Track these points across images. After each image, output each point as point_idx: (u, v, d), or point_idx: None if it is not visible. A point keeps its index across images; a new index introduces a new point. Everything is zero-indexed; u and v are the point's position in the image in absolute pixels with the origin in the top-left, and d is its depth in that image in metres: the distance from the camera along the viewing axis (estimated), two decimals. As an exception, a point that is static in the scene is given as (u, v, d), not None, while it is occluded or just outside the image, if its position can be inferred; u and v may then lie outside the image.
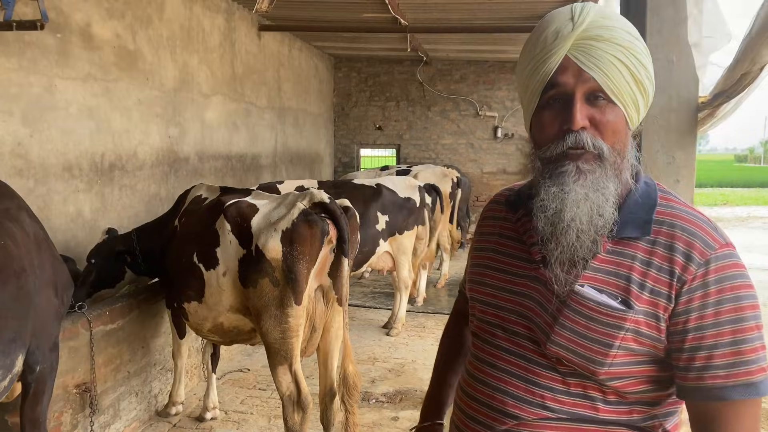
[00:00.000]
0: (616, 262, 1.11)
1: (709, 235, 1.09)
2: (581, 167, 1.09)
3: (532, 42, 1.16)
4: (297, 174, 9.47)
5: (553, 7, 7.04)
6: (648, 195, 1.15)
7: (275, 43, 8.54)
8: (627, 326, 1.08)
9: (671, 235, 1.10)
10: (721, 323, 1.06)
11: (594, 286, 1.11)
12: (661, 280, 1.08)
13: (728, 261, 1.08)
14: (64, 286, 2.78)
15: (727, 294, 1.06)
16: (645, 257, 1.10)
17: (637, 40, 1.11)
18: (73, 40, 4.52)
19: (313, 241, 3.03)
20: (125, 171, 5.21)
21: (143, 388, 3.97)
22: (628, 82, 1.09)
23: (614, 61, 1.08)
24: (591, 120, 1.09)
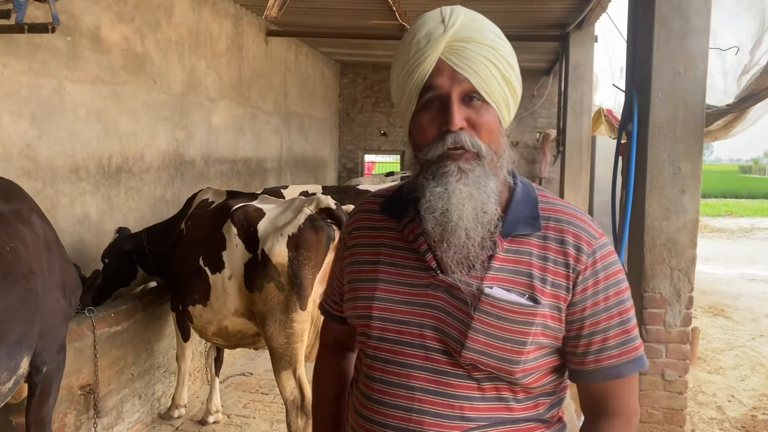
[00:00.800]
0: (515, 260, 1.14)
1: (590, 227, 1.17)
2: (462, 167, 1.09)
3: (404, 46, 1.15)
4: (302, 179, 9.49)
5: (558, 17, 7.08)
6: (527, 193, 1.19)
7: (282, 49, 8.58)
8: (537, 321, 1.11)
9: (560, 229, 1.15)
10: (610, 307, 1.14)
11: (501, 286, 1.12)
12: (559, 272, 1.13)
13: (608, 249, 1.16)
14: (72, 287, 2.80)
15: (612, 279, 1.15)
16: (540, 252, 1.14)
17: (504, 41, 1.15)
18: (83, 43, 4.56)
19: (319, 247, 3.05)
20: (132, 173, 5.23)
21: (146, 391, 3.98)
22: (500, 82, 1.11)
23: (486, 63, 1.10)
24: (468, 120, 1.10)
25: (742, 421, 4.40)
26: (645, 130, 3.45)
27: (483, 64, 1.09)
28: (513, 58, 1.15)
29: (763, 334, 6.73)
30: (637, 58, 3.68)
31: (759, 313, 7.61)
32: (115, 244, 4.09)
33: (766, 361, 5.76)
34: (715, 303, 8.00)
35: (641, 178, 3.49)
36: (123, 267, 4.07)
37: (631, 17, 3.86)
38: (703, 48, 3.40)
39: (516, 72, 1.15)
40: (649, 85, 3.39)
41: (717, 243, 13.82)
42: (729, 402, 4.78)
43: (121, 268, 4.06)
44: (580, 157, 7.46)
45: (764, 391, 5.03)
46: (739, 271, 10.28)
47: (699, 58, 3.39)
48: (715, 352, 6.00)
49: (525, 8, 6.74)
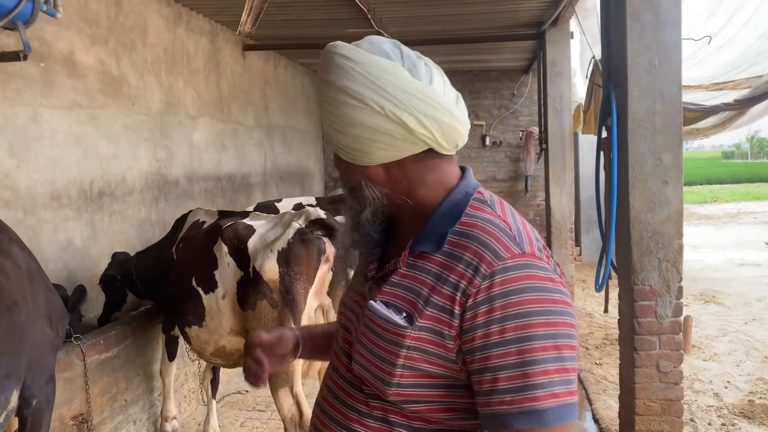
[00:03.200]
0: (411, 276, 1.07)
1: (501, 245, 1.01)
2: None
3: None
4: (288, 191, 9.46)
5: (533, 16, 7.12)
6: (456, 206, 1.09)
7: (260, 62, 8.57)
8: (408, 343, 1.02)
9: (463, 246, 1.03)
10: (506, 342, 0.95)
11: (385, 300, 1.08)
12: (444, 293, 1.01)
13: (519, 272, 0.98)
14: (58, 317, 2.76)
15: (513, 309, 0.96)
16: (437, 270, 1.04)
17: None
18: (57, 69, 4.52)
19: (310, 261, 3.03)
20: (114, 197, 5.19)
21: (141, 416, 3.93)
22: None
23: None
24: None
25: (740, 407, 4.42)
26: (624, 124, 3.47)
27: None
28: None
29: (755, 318, 6.78)
30: (612, 52, 3.71)
31: (750, 298, 7.67)
32: (106, 270, 4.20)
33: (760, 345, 5.80)
34: (706, 290, 8.05)
35: (624, 172, 3.51)
36: (112, 291, 4.15)
37: (604, 12, 3.89)
38: (676, 39, 3.43)
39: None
40: (626, 79, 3.41)
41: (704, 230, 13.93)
42: (726, 388, 4.80)
43: (111, 292, 4.15)
44: (563, 154, 7.49)
45: (760, 375, 5.06)
46: (727, 257, 10.36)
47: (673, 50, 3.42)
48: (708, 339, 6.03)
49: (500, 8, 6.77)
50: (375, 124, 1.03)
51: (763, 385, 4.82)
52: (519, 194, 11.31)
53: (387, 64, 1.04)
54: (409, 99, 1.03)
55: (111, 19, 5.17)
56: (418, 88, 1.04)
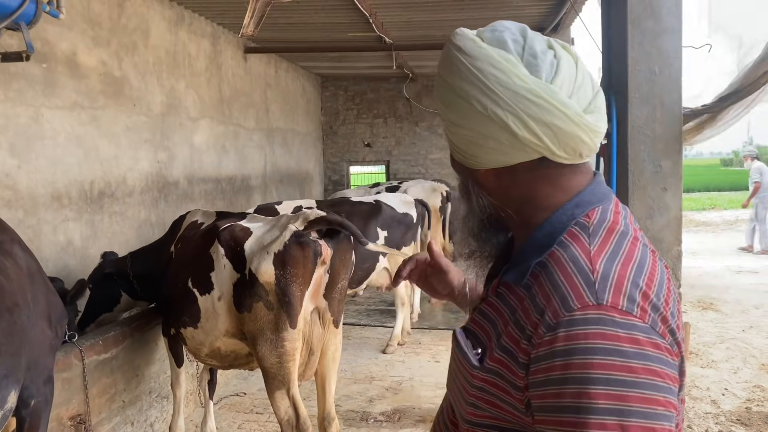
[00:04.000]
0: (497, 307, 0.97)
1: (573, 291, 0.84)
2: None
3: None
4: (287, 194, 9.47)
5: (534, 22, 7.14)
6: (551, 234, 0.94)
7: (261, 65, 8.59)
8: (476, 383, 0.92)
9: (540, 284, 0.89)
10: (561, 408, 0.80)
11: (471, 328, 1.01)
12: (513, 336, 0.89)
13: (587, 329, 0.81)
14: (58, 317, 2.76)
15: (575, 372, 0.80)
16: (515, 305, 0.92)
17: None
18: (59, 70, 4.53)
19: (306, 263, 3.03)
20: (115, 198, 5.19)
21: (139, 417, 3.93)
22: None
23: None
24: None
25: (737, 414, 4.43)
26: (624, 131, 3.48)
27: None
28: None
29: (753, 325, 6.79)
30: (612, 59, 3.72)
31: (747, 305, 7.68)
32: (96, 270, 4.05)
33: (758, 353, 5.80)
34: (704, 297, 8.06)
35: (623, 178, 3.52)
36: (106, 292, 4.03)
37: (605, 19, 3.91)
38: (676, 47, 3.44)
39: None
40: (626, 85, 3.42)
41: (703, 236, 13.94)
42: (723, 395, 4.80)
43: (104, 292, 4.02)
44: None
45: (757, 382, 5.06)
46: (725, 264, 10.38)
47: (673, 57, 3.43)
48: (706, 345, 6.03)
49: (501, 14, 6.80)
50: (479, 125, 0.92)
51: (761, 392, 4.83)
52: (518, 199, 11.31)
53: (499, 58, 0.91)
54: (516, 99, 0.89)
55: (113, 20, 5.19)
56: (530, 87, 0.89)
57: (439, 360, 5.63)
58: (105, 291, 4.02)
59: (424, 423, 4.28)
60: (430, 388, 4.93)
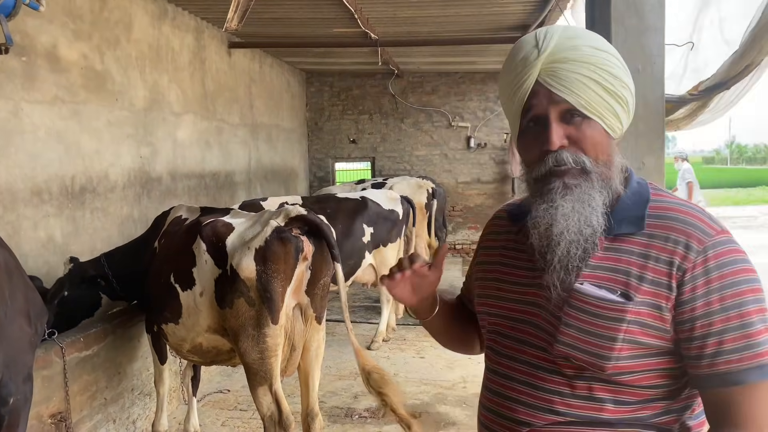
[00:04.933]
0: (614, 258, 1.15)
1: (705, 224, 1.12)
2: (567, 182, 1.14)
3: (505, 70, 1.22)
4: (272, 190, 9.42)
5: (519, 19, 7.16)
6: (640, 193, 1.19)
7: (246, 60, 8.52)
8: (628, 318, 1.10)
9: (667, 227, 1.13)
10: (727, 308, 1.08)
11: (593, 282, 1.14)
12: (660, 270, 1.11)
13: (726, 247, 1.11)
14: (37, 314, 2.72)
15: (728, 279, 1.09)
16: (642, 250, 1.13)
17: (606, 52, 1.16)
18: (39, 63, 4.46)
19: (287, 259, 3.01)
20: (96, 193, 5.13)
21: (121, 415, 3.89)
22: (602, 95, 1.14)
23: (583, 80, 1.13)
24: (569, 137, 1.14)
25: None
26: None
27: (580, 81, 1.12)
28: (617, 67, 1.16)
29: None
30: (596, 57, 3.73)
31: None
32: (73, 275, 3.80)
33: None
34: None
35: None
36: (87, 297, 3.86)
37: (589, 17, 3.92)
38: (659, 44, 3.46)
39: (623, 81, 1.17)
40: (610, 83, 3.43)
41: (685, 234, 14.11)
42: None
43: (83, 298, 3.84)
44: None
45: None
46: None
47: (656, 55, 3.44)
48: (687, 341, 6.10)
49: (486, 11, 6.80)
50: (632, 95, 1.20)
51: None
52: (505, 196, 11.36)
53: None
54: (624, 74, 1.19)
55: (95, 13, 5.12)
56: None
57: (424, 356, 5.64)
58: (84, 296, 3.85)
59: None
60: (415, 384, 4.94)
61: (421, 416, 4.33)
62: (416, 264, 1.35)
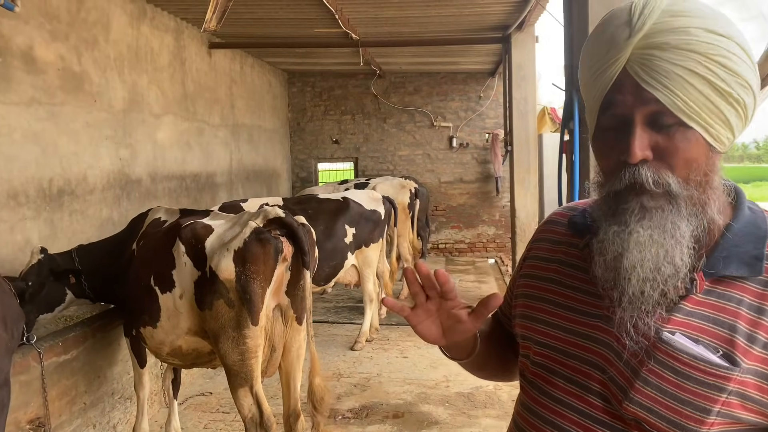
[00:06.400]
0: (717, 306, 0.90)
1: None
2: (646, 204, 0.89)
3: (588, 49, 0.95)
4: (254, 191, 9.39)
5: (499, 19, 7.20)
6: (755, 225, 0.94)
7: (226, 61, 8.48)
8: (730, 387, 0.86)
9: None
10: None
11: (687, 334, 0.89)
12: None
13: None
14: (14, 319, 2.69)
15: None
16: (756, 302, 0.89)
17: (726, 38, 0.86)
18: (15, 64, 4.40)
19: (267, 260, 3.01)
20: (75, 196, 5.08)
21: (101, 419, 3.85)
22: (709, 97, 0.86)
23: (686, 75, 0.85)
24: (655, 148, 0.88)
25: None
26: (586, 128, 3.53)
27: (681, 77, 0.85)
28: (739, 60, 0.87)
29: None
30: (574, 57, 3.78)
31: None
32: (42, 265, 3.63)
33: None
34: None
35: (585, 175, 3.58)
36: (50, 290, 3.68)
37: (567, 19, 3.96)
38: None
39: (742, 78, 0.87)
40: (587, 83, 3.47)
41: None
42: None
43: (48, 291, 3.67)
44: (528, 156, 7.61)
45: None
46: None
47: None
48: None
49: (467, 12, 6.84)
50: (754, 92, 0.91)
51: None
52: (488, 195, 11.43)
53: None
54: (747, 68, 0.89)
55: (72, 14, 5.06)
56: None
57: (407, 356, 5.65)
58: (49, 290, 3.67)
59: (392, 419, 4.30)
60: (398, 384, 4.95)
61: (404, 416, 4.34)
62: (449, 300, 1.02)
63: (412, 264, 8.04)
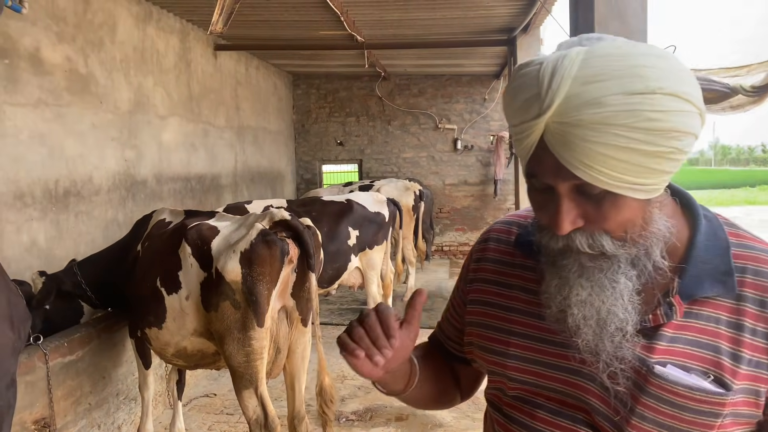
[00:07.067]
0: (698, 329, 0.87)
1: None
2: (584, 263, 0.87)
3: (506, 103, 0.89)
4: (258, 193, 9.40)
5: (504, 22, 7.19)
6: (716, 235, 0.91)
7: (232, 62, 8.50)
8: (726, 411, 0.85)
9: (761, 286, 0.87)
10: None
11: (677, 363, 0.87)
12: (759, 346, 0.86)
13: None
14: (20, 319, 2.69)
15: None
16: (732, 318, 0.87)
17: (648, 94, 0.76)
18: (22, 66, 4.42)
19: (273, 262, 3.01)
20: (81, 197, 5.10)
21: (106, 420, 3.86)
22: (636, 162, 0.79)
23: (606, 150, 0.77)
24: (586, 216, 0.84)
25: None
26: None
27: (601, 153, 0.77)
28: (670, 114, 0.77)
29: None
30: (580, 60, 3.77)
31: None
32: (50, 289, 3.66)
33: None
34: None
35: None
36: (67, 309, 3.77)
37: (572, 20, 3.95)
38: None
39: (677, 130, 0.78)
40: (593, 85, 3.46)
41: (669, 234, 14.23)
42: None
43: (66, 310, 3.76)
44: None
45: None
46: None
47: (639, 58, 3.48)
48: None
49: (472, 14, 6.84)
50: (698, 129, 0.82)
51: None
52: (488, 197, 11.42)
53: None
54: (677, 114, 0.79)
55: (79, 15, 5.09)
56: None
57: (411, 358, 5.65)
58: (66, 308, 3.76)
59: (395, 422, 4.30)
60: (402, 387, 4.94)
61: (407, 419, 4.34)
62: (385, 316, 0.93)
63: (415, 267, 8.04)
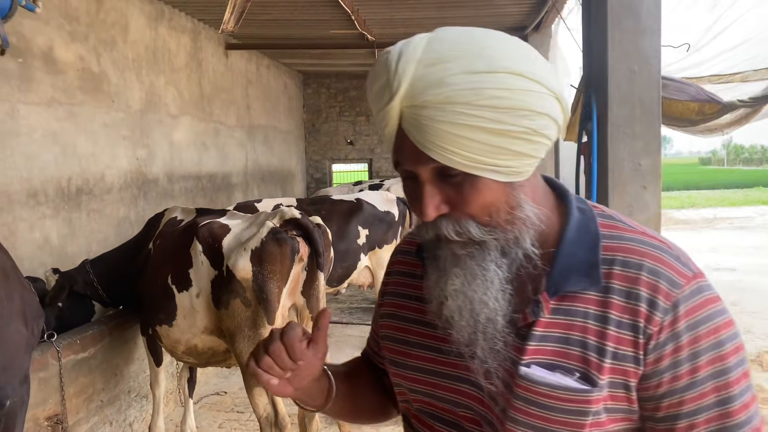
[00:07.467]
0: (566, 324, 0.85)
1: (673, 270, 0.84)
2: (456, 252, 0.86)
3: (367, 96, 0.89)
4: (269, 191, 9.42)
5: (515, 21, 7.17)
6: (586, 228, 0.89)
7: (243, 62, 8.53)
8: (594, 408, 0.83)
9: (628, 277, 0.84)
10: (699, 381, 0.82)
11: (542, 361, 0.85)
12: (623, 339, 0.83)
13: (701, 298, 0.84)
14: (33, 316, 2.71)
15: (704, 342, 0.82)
16: (599, 311, 0.84)
17: (492, 73, 0.77)
18: (36, 65, 4.45)
19: (283, 260, 3.01)
20: (93, 195, 5.12)
21: (118, 417, 3.88)
22: (487, 141, 0.78)
23: (455, 129, 0.77)
24: (449, 201, 0.84)
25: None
26: (604, 129, 3.51)
27: (450, 132, 0.77)
28: (514, 93, 0.78)
29: (730, 321, 6.89)
30: (592, 58, 3.75)
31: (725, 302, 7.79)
32: (62, 287, 3.67)
33: (734, 349, 5.88)
34: (683, 294, 8.15)
35: (603, 176, 3.55)
36: (79, 309, 3.80)
37: (585, 18, 3.93)
38: (655, 46, 3.47)
39: (522, 109, 0.79)
40: (606, 84, 3.45)
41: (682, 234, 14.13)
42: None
43: (78, 310, 3.80)
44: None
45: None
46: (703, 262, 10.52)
47: (652, 57, 3.46)
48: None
49: (484, 13, 6.82)
50: (553, 111, 0.83)
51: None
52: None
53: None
54: (526, 91, 0.80)
55: (91, 15, 5.11)
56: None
57: (421, 357, 5.64)
58: (78, 308, 3.80)
59: (405, 420, 4.28)
60: (412, 386, 4.94)
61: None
62: (290, 340, 0.95)
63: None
